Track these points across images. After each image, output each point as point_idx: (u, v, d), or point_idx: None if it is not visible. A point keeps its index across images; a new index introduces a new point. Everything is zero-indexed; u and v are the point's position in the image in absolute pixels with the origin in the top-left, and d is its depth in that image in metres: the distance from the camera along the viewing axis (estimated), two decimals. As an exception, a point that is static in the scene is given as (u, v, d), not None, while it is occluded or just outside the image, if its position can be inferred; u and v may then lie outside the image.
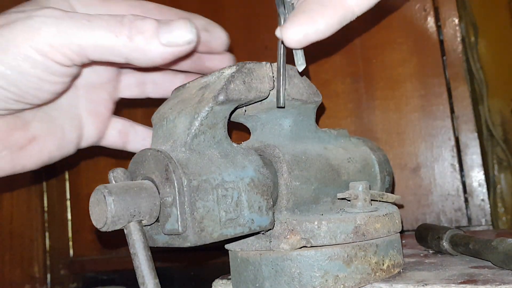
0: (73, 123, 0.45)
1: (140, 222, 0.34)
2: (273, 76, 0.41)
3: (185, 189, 0.33)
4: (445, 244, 0.44)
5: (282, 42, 0.39)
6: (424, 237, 0.47)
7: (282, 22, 0.39)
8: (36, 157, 0.43)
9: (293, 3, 0.40)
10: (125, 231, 0.33)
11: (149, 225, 0.36)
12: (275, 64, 0.41)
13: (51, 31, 0.35)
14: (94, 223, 0.33)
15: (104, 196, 0.32)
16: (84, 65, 0.40)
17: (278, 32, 0.37)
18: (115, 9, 0.44)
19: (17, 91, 0.37)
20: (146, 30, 0.36)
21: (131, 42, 0.36)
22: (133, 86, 0.50)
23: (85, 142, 0.47)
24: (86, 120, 0.46)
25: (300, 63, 0.38)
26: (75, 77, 0.40)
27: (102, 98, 0.47)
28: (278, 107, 0.41)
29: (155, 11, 0.46)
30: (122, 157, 0.53)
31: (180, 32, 0.37)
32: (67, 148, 0.45)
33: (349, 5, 0.36)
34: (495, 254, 0.38)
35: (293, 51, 0.39)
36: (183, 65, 0.48)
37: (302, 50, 0.39)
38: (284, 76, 0.40)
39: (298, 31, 0.35)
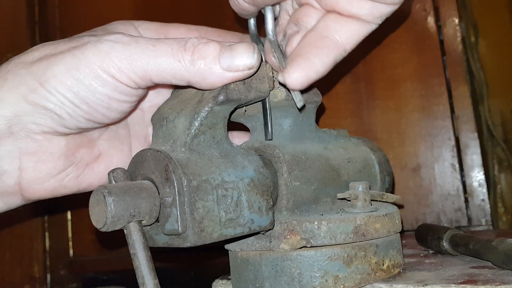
0: (140, 141, 0.46)
1: (140, 222, 0.34)
2: (273, 76, 0.41)
3: (185, 189, 0.33)
4: (445, 244, 0.44)
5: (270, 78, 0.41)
6: (424, 237, 0.47)
7: (264, 58, 0.42)
8: (102, 175, 0.43)
9: (280, 44, 0.42)
10: (125, 231, 0.33)
11: (149, 225, 0.35)
12: None
13: (119, 56, 0.36)
14: (94, 223, 0.33)
15: (104, 196, 0.32)
16: (150, 88, 0.41)
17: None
18: (174, 32, 0.45)
19: (87, 109, 0.38)
20: (208, 55, 0.37)
21: (192, 66, 0.37)
22: None
23: None
24: None
25: (299, 99, 0.40)
26: (142, 97, 0.41)
27: None
28: (266, 139, 0.42)
29: (214, 34, 0.47)
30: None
31: (242, 58, 0.37)
32: None
33: (341, 44, 0.40)
34: (495, 254, 0.38)
35: (291, 90, 0.40)
36: None
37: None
38: (271, 110, 0.42)
39: (299, 75, 0.38)
